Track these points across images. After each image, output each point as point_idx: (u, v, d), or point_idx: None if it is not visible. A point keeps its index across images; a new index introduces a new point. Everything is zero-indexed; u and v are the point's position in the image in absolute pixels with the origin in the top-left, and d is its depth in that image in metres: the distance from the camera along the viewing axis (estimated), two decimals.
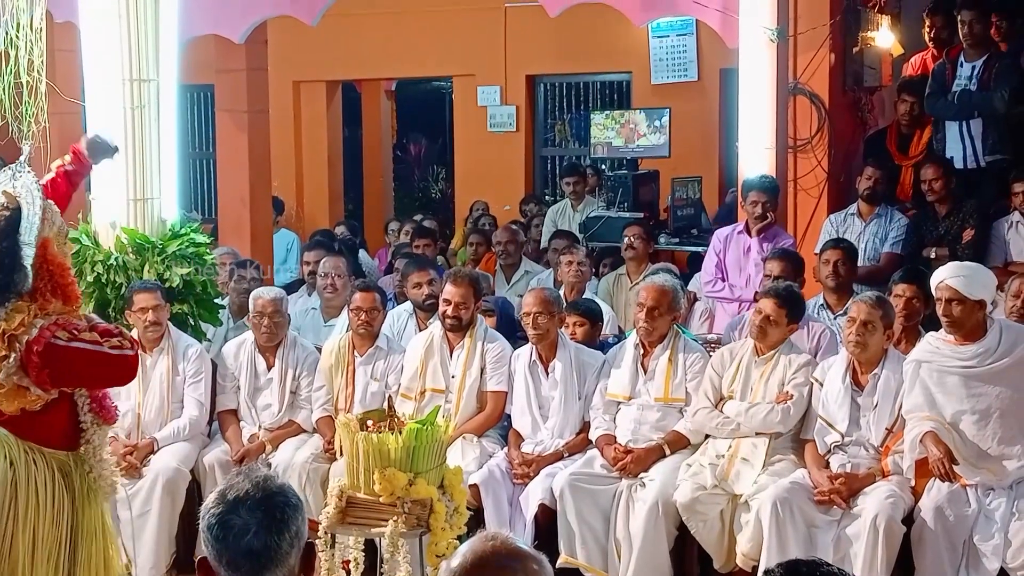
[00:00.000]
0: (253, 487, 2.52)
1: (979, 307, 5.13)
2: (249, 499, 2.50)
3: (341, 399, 6.29)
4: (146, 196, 6.37)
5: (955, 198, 7.16)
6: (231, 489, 2.53)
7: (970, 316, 5.12)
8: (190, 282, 6.43)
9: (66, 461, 4.06)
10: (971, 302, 5.10)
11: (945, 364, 5.18)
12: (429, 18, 11.81)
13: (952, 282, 5.12)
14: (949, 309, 5.12)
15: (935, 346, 5.26)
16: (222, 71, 8.99)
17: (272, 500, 2.51)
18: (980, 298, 5.13)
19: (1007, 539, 4.97)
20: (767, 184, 7.19)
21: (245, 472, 2.59)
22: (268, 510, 2.49)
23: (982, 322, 5.16)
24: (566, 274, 7.45)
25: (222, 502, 2.51)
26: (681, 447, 5.74)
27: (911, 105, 7.87)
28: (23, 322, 3.89)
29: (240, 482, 2.54)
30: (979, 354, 5.13)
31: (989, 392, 5.10)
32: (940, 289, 5.16)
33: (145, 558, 5.90)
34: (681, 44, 10.99)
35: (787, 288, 5.82)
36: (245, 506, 2.49)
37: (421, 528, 4.67)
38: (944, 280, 5.15)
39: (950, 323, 5.15)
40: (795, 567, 2.29)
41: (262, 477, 2.56)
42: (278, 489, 2.54)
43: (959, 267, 5.33)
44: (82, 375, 4.01)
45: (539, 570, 2.30)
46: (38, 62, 5.48)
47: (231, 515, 2.48)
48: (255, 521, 2.47)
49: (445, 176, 15.18)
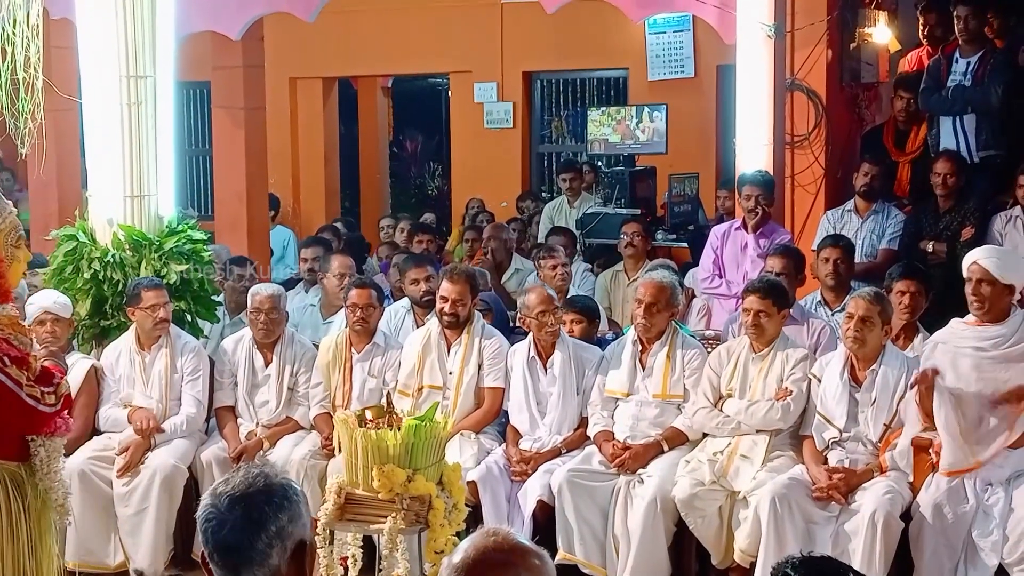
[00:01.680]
0: (240, 482, 2.50)
1: (1008, 292, 5.16)
2: (232, 494, 2.48)
3: (339, 396, 6.28)
4: (143, 193, 6.35)
5: (960, 194, 7.16)
6: (225, 481, 2.52)
7: (999, 299, 5.14)
8: (187, 279, 6.42)
9: (17, 472, 3.97)
10: (1001, 285, 5.13)
11: (962, 345, 5.20)
12: (426, 14, 11.80)
13: (985, 263, 5.14)
14: (979, 289, 5.14)
15: (956, 329, 5.29)
16: (218, 68, 8.99)
17: (251, 499, 2.47)
18: (1010, 283, 5.15)
19: (1005, 535, 4.98)
20: (760, 178, 7.18)
21: (247, 467, 2.56)
22: (245, 508, 2.46)
23: (1007, 308, 5.18)
24: (551, 279, 7.37)
25: (212, 494, 2.51)
26: (679, 443, 5.74)
27: (907, 101, 7.88)
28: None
29: (235, 475, 2.53)
30: (997, 337, 5.15)
31: (999, 376, 5.11)
32: (971, 270, 5.18)
33: (143, 555, 5.90)
34: (678, 40, 10.98)
35: (763, 279, 5.85)
36: (227, 501, 2.47)
37: (420, 524, 4.67)
38: (977, 260, 5.17)
39: (978, 303, 5.16)
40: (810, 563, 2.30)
41: (255, 473, 2.53)
42: (263, 487, 2.50)
43: (994, 249, 5.41)
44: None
45: (541, 565, 2.30)
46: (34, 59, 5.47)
47: (213, 508, 2.48)
48: (232, 518, 2.46)
49: (441, 173, 15.16)
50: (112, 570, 5.96)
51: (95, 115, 6.31)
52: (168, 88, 6.43)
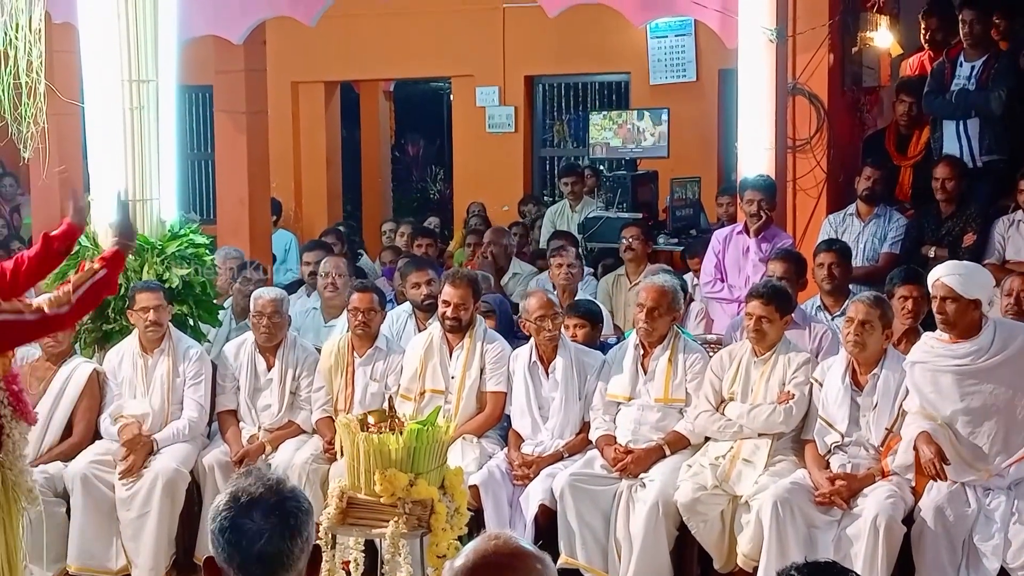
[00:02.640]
0: (267, 491, 2.49)
1: (974, 306, 5.12)
2: (263, 503, 2.46)
3: (341, 400, 6.28)
4: (145, 197, 6.37)
5: (962, 199, 7.16)
6: (243, 492, 2.49)
7: (964, 315, 5.10)
8: (189, 283, 6.42)
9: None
10: (965, 301, 5.08)
11: (939, 364, 5.16)
12: (428, 19, 11.80)
13: (948, 280, 5.10)
14: (943, 307, 5.11)
15: (930, 346, 5.25)
16: (221, 72, 8.99)
17: (285, 505, 2.48)
18: (975, 297, 5.11)
19: (1007, 539, 4.98)
20: (763, 183, 7.18)
21: (256, 474, 2.55)
22: (282, 516, 2.46)
23: (977, 321, 5.14)
24: (557, 276, 7.43)
25: (235, 505, 2.47)
26: (681, 447, 5.74)
27: (909, 106, 7.88)
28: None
29: (252, 485, 2.50)
30: (972, 352, 5.11)
31: (983, 390, 5.10)
32: (936, 287, 5.15)
33: (145, 559, 5.90)
34: (679, 44, 10.99)
35: (767, 284, 5.83)
36: (260, 510, 2.46)
37: (422, 529, 4.67)
38: (940, 278, 5.13)
39: (944, 321, 5.14)
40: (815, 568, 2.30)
41: (275, 481, 2.53)
42: (291, 494, 2.51)
43: (956, 266, 5.32)
44: None
45: (543, 569, 2.30)
46: (37, 63, 5.49)
47: (244, 519, 2.45)
48: (269, 526, 2.45)
49: (443, 177, 15.17)
50: (114, 574, 5.96)
51: (97, 119, 6.32)
52: (170, 92, 6.44)
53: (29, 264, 4.37)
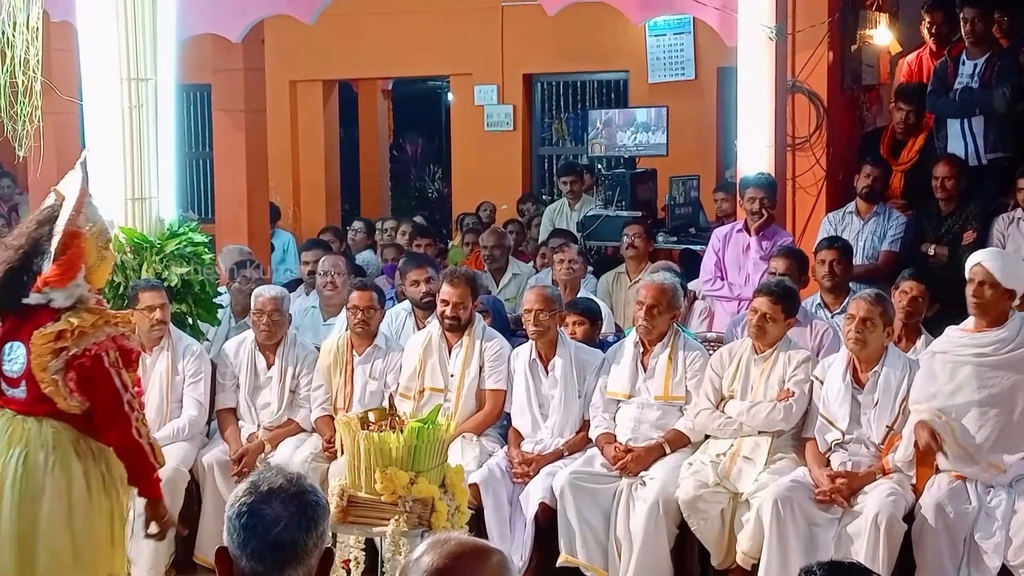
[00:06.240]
0: (287, 482, 2.52)
1: (1008, 296, 5.14)
2: (283, 492, 2.49)
3: (340, 398, 6.27)
4: (144, 195, 6.35)
5: (961, 197, 7.15)
6: (264, 481, 2.52)
7: (998, 302, 5.13)
8: (188, 281, 6.41)
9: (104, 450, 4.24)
10: (1002, 289, 5.11)
11: (961, 353, 5.18)
12: (426, 17, 11.80)
13: (989, 265, 5.13)
14: (980, 291, 5.12)
15: (953, 336, 5.27)
16: (219, 70, 8.99)
17: (305, 497, 2.51)
18: (1011, 288, 5.13)
19: (1008, 536, 4.97)
20: (764, 181, 7.18)
21: (277, 467, 2.59)
22: (301, 507, 2.49)
23: (1005, 312, 5.16)
24: (559, 272, 7.43)
25: (255, 492, 2.50)
26: (681, 445, 5.74)
27: (907, 114, 7.80)
28: (94, 324, 4.11)
29: (274, 476, 2.53)
30: (996, 341, 5.13)
31: (1000, 383, 5.09)
32: (975, 271, 5.16)
33: (145, 558, 5.87)
34: (678, 43, 10.99)
35: (779, 284, 5.82)
36: (279, 498, 2.48)
37: (422, 527, 4.67)
38: (981, 262, 5.16)
39: (978, 305, 5.15)
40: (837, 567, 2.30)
41: (296, 475, 2.56)
42: (311, 488, 2.54)
43: (998, 253, 5.41)
44: (94, 398, 4.16)
45: (503, 560, 2.31)
46: (34, 61, 5.47)
47: (264, 505, 2.47)
48: (287, 515, 2.47)
49: (442, 176, 15.16)
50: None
51: (96, 118, 6.30)
52: (169, 91, 6.42)
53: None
